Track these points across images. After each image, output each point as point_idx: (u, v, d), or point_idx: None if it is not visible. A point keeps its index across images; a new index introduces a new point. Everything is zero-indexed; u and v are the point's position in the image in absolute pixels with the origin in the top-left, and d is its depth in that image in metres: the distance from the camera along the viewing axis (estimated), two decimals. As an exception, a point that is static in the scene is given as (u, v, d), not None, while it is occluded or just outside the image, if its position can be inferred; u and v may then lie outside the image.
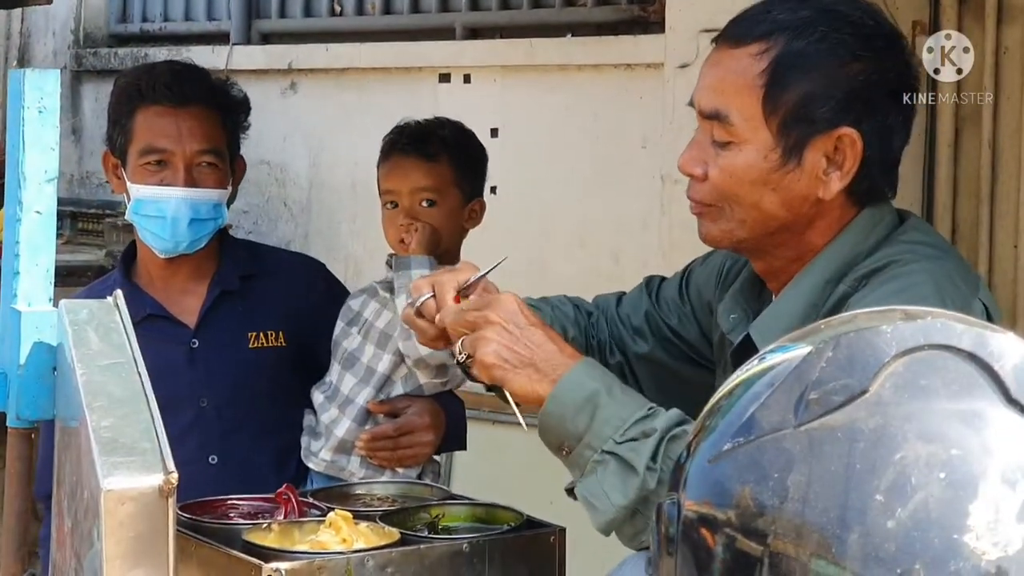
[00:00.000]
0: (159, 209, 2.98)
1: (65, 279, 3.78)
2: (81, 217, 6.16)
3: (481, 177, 3.09)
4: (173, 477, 1.52)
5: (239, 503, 2.38)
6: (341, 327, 3.02)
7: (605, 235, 4.65)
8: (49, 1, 4.05)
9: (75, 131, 6.43)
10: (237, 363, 3.05)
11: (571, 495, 2.04)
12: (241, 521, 2.28)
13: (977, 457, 1.08)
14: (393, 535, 2.18)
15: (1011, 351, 1.14)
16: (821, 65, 2.04)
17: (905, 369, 1.12)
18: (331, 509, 2.26)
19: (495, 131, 4.81)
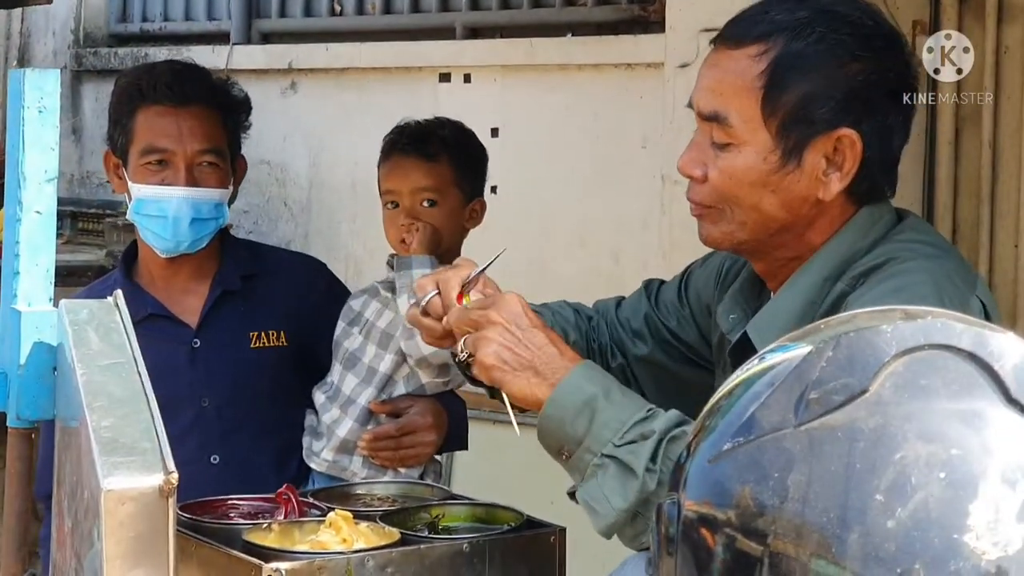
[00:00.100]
0: (160, 209, 2.98)
1: (65, 279, 3.78)
2: (81, 217, 6.17)
3: (481, 177, 3.09)
4: (173, 477, 1.52)
5: (239, 503, 2.38)
6: (342, 327, 3.02)
7: (605, 235, 4.65)
8: (49, 1, 4.05)
9: (75, 131, 6.43)
10: (238, 363, 3.05)
11: (573, 499, 2.04)
12: (241, 521, 2.28)
13: (977, 457, 1.08)
14: (393, 535, 2.18)
15: (1011, 351, 1.14)
16: (820, 66, 2.03)
17: (905, 369, 1.12)
18: (331, 509, 2.26)
19: (495, 131, 4.81)
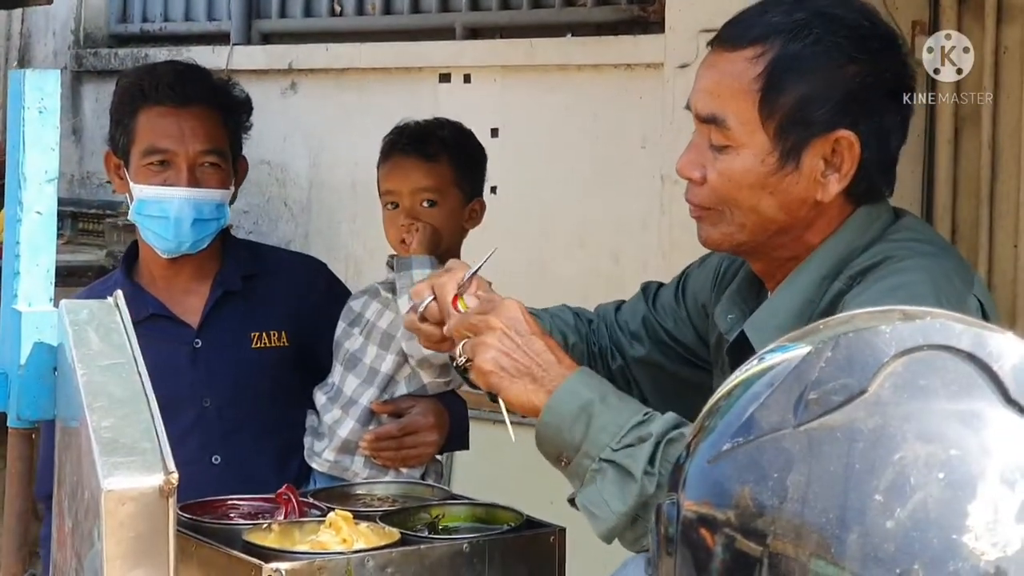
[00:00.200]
0: (162, 209, 2.98)
1: (66, 279, 3.78)
2: (82, 217, 6.17)
3: (481, 177, 3.09)
4: (173, 477, 1.52)
5: (239, 503, 2.38)
6: (343, 328, 3.02)
7: (605, 235, 4.65)
8: (49, 1, 4.06)
9: (75, 131, 6.43)
10: (240, 363, 3.05)
11: (573, 506, 2.04)
12: (241, 521, 2.28)
13: (976, 457, 1.08)
14: (393, 535, 2.18)
15: (1010, 351, 1.14)
16: (817, 68, 2.03)
17: (904, 369, 1.12)
18: (331, 509, 2.26)
19: (495, 131, 4.81)
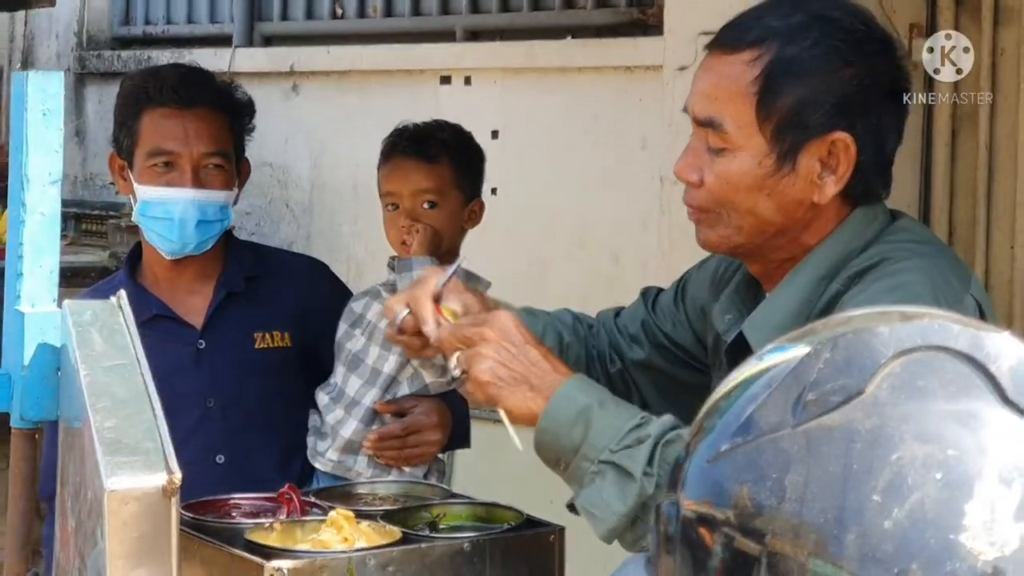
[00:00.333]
0: (166, 211, 2.98)
1: (69, 280, 3.79)
2: (85, 218, 6.17)
3: (480, 178, 3.10)
4: (176, 477, 1.53)
5: (241, 502, 2.38)
6: (344, 329, 3.02)
7: (605, 236, 4.65)
8: (52, 3, 4.07)
9: (79, 133, 6.43)
10: (243, 363, 3.05)
11: (572, 511, 2.05)
12: (243, 520, 2.29)
13: (973, 457, 1.08)
14: (394, 534, 2.18)
15: (1007, 352, 1.14)
16: (814, 71, 2.04)
17: (902, 370, 1.12)
18: (333, 508, 2.27)
19: (496, 133, 4.81)
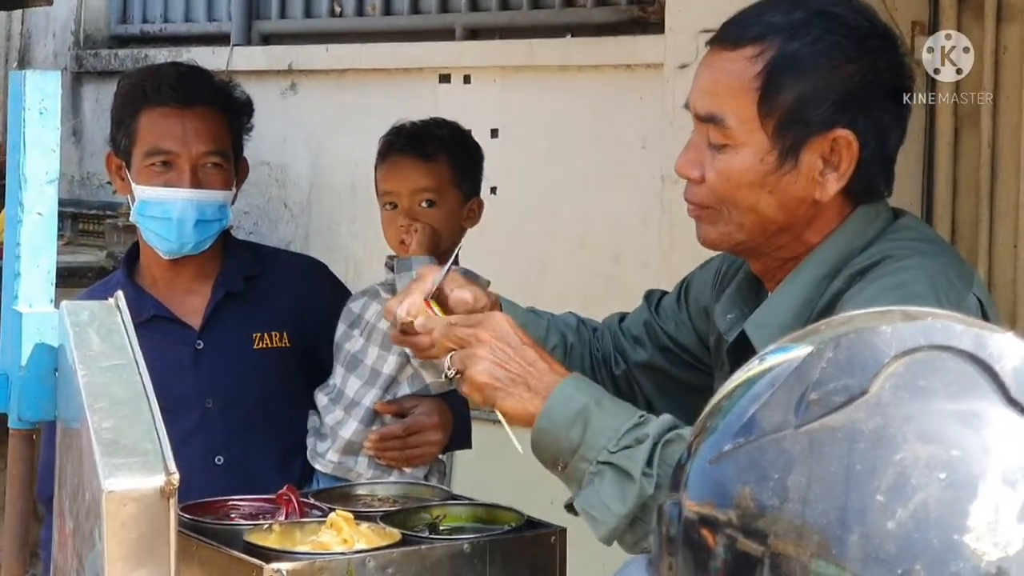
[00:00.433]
0: (164, 210, 2.97)
1: (66, 280, 3.79)
2: (82, 218, 6.17)
3: (478, 176, 3.09)
4: (174, 478, 1.52)
5: (240, 504, 2.38)
6: (343, 330, 3.02)
7: (605, 235, 4.65)
8: (50, 2, 4.06)
9: (76, 132, 6.43)
10: (242, 364, 3.05)
11: (571, 511, 2.04)
12: (242, 522, 2.28)
13: (977, 458, 1.08)
14: (394, 536, 2.18)
15: (1011, 351, 1.13)
16: (816, 67, 2.03)
17: (905, 370, 1.12)
18: (332, 510, 2.26)
19: (495, 132, 4.81)
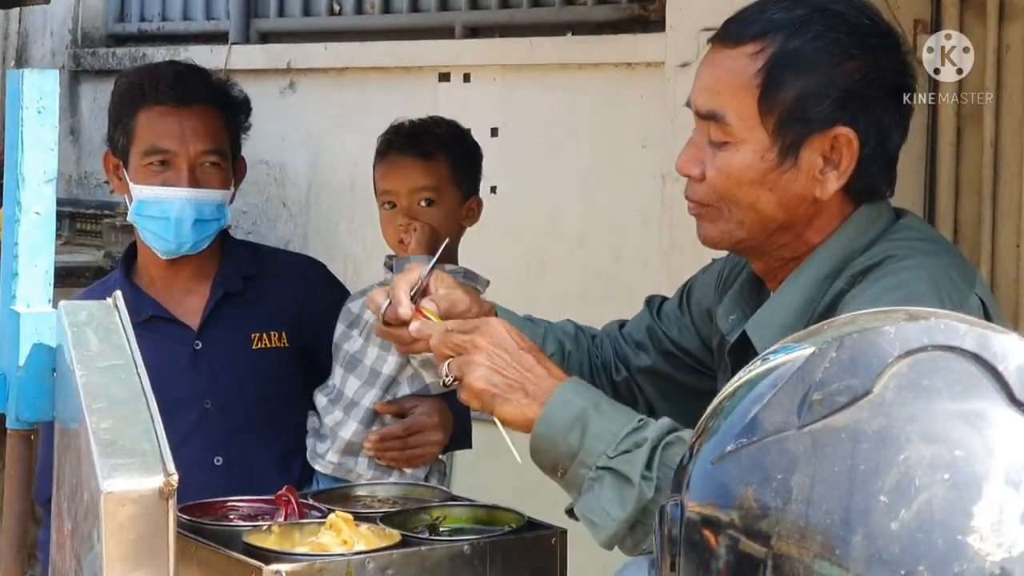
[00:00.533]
0: (162, 210, 2.97)
1: (64, 280, 3.77)
2: (79, 218, 6.15)
3: (477, 174, 3.08)
4: (173, 479, 1.52)
5: (239, 505, 2.37)
6: (341, 330, 3.01)
7: (605, 235, 4.64)
8: (47, 1, 4.06)
9: (73, 131, 6.42)
10: (240, 364, 3.04)
11: (572, 517, 2.03)
12: (241, 523, 2.28)
13: (980, 458, 1.08)
14: (394, 537, 2.17)
15: (1014, 352, 1.13)
16: (817, 64, 2.03)
17: (908, 370, 1.12)
18: (331, 511, 2.26)
19: (495, 130, 4.80)
